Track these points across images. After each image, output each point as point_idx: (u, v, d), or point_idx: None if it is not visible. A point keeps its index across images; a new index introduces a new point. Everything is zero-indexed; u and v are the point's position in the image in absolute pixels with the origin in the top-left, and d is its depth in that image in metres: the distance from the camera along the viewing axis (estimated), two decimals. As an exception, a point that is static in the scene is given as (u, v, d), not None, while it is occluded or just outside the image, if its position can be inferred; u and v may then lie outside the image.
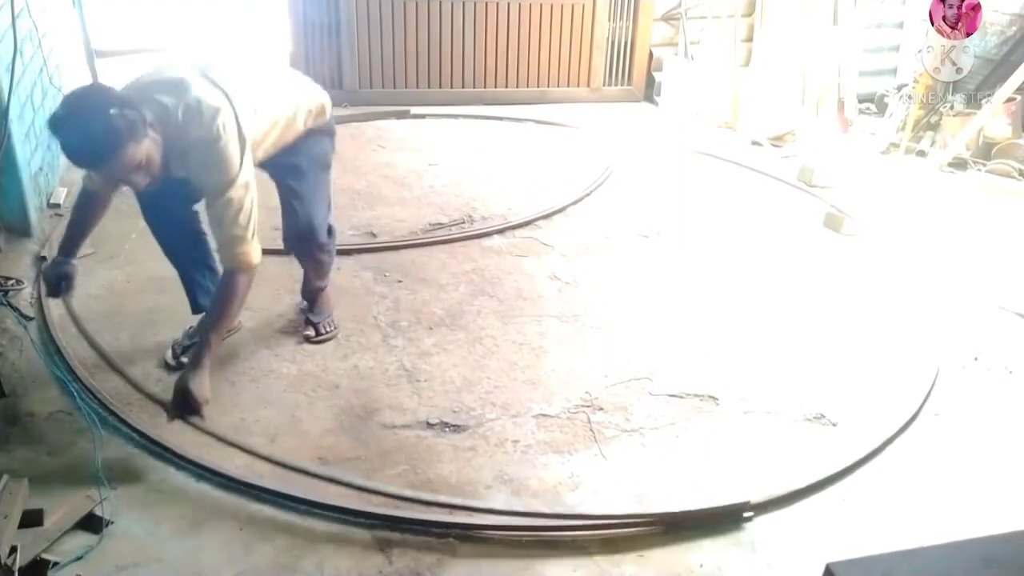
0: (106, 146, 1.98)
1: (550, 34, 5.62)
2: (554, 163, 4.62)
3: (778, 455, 2.39)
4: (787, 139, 5.25)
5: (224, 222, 2.20)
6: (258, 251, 2.28)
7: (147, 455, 2.20)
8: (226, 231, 2.20)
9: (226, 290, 2.26)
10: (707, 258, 3.59)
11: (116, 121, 1.97)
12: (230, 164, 2.18)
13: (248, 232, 2.23)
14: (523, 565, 1.95)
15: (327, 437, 2.34)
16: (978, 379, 2.82)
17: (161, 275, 3.04)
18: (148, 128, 2.06)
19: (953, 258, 3.70)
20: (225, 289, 2.26)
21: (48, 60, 3.69)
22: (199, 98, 2.16)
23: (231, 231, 2.20)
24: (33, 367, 2.52)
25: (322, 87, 2.67)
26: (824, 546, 2.05)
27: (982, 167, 4.75)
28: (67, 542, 1.89)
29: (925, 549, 1.13)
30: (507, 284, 3.25)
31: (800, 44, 5.28)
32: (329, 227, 2.70)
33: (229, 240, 2.21)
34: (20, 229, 3.20)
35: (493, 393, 2.58)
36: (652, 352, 2.85)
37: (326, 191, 2.69)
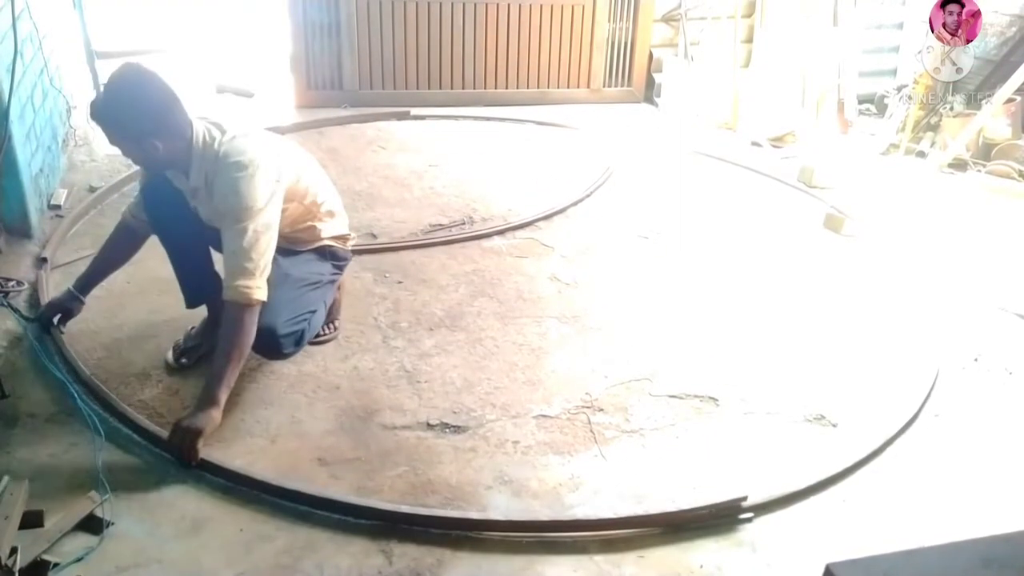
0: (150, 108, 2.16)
1: (550, 35, 5.62)
2: (554, 164, 4.62)
3: (778, 456, 2.39)
4: (787, 140, 5.25)
5: (237, 252, 2.19)
6: (264, 292, 2.24)
7: (147, 456, 2.20)
8: (237, 261, 2.20)
9: (231, 325, 2.22)
10: (707, 259, 3.59)
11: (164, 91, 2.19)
12: (256, 195, 2.21)
13: (257, 269, 2.21)
14: (523, 565, 1.95)
15: (327, 438, 2.34)
16: (978, 380, 2.82)
17: (162, 276, 3.03)
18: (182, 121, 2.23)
19: (953, 259, 3.70)
20: (230, 325, 2.23)
21: (49, 61, 3.69)
22: (246, 133, 2.30)
23: (241, 262, 2.19)
24: (33, 368, 2.52)
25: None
26: (824, 546, 2.05)
27: (982, 168, 4.76)
28: (67, 543, 1.89)
29: (925, 549, 1.13)
30: (507, 285, 3.25)
31: (800, 45, 5.28)
32: (300, 335, 2.45)
33: (237, 271, 2.20)
34: (20, 230, 3.20)
35: (493, 394, 2.58)
36: (652, 353, 2.86)
37: (303, 306, 2.46)
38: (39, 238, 3.26)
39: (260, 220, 2.21)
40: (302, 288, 2.48)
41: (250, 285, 2.20)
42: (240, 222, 2.19)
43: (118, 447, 2.22)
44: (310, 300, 2.49)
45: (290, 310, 2.39)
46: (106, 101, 2.18)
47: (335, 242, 2.64)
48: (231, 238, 2.21)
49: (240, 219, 2.19)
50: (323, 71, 5.25)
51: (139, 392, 2.46)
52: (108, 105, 2.17)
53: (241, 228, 2.19)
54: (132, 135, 2.18)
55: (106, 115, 2.17)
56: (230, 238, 2.21)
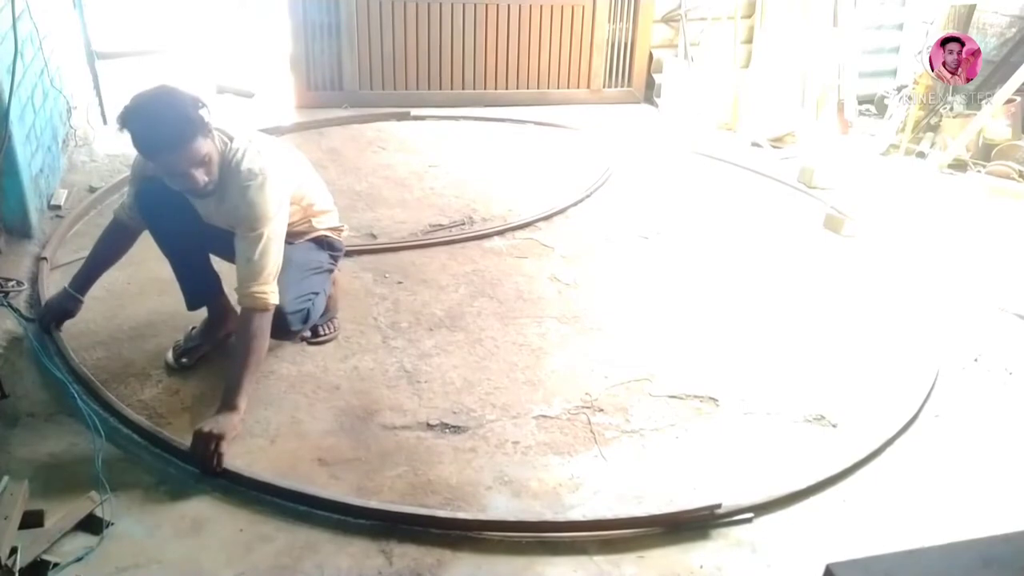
0: (180, 132, 2.10)
1: (550, 36, 5.62)
2: (554, 164, 4.62)
3: (778, 456, 2.39)
4: (787, 140, 5.25)
5: (252, 258, 2.24)
6: (277, 297, 2.29)
7: (147, 456, 2.20)
8: (251, 268, 2.24)
9: (246, 330, 2.26)
10: (707, 259, 3.59)
11: (190, 111, 2.11)
12: (269, 203, 2.26)
13: (270, 275, 2.27)
14: (523, 565, 1.95)
15: (327, 438, 2.34)
16: (978, 380, 2.82)
17: (162, 277, 3.03)
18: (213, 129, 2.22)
19: (953, 259, 3.70)
20: (245, 330, 2.26)
21: (49, 62, 3.69)
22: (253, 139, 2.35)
23: (255, 268, 2.24)
24: (33, 368, 2.52)
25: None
26: (824, 546, 2.05)
27: (982, 168, 4.76)
28: (67, 543, 1.89)
29: (925, 549, 1.13)
30: (507, 285, 3.25)
31: (800, 46, 5.28)
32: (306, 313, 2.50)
33: (251, 276, 2.24)
34: (20, 231, 3.20)
35: (493, 394, 2.58)
36: (652, 353, 2.85)
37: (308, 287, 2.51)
38: (39, 238, 3.26)
39: (272, 227, 2.27)
40: (305, 272, 2.54)
41: (264, 290, 2.25)
42: (254, 230, 2.24)
43: (118, 447, 2.22)
44: (313, 282, 2.56)
45: (295, 290, 2.43)
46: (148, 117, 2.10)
47: (331, 232, 2.71)
48: (245, 246, 2.25)
49: (254, 227, 2.24)
50: (323, 71, 5.25)
51: (139, 392, 2.46)
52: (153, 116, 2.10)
53: (256, 235, 2.24)
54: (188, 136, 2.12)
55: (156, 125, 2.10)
56: (244, 246, 2.25)
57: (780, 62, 5.33)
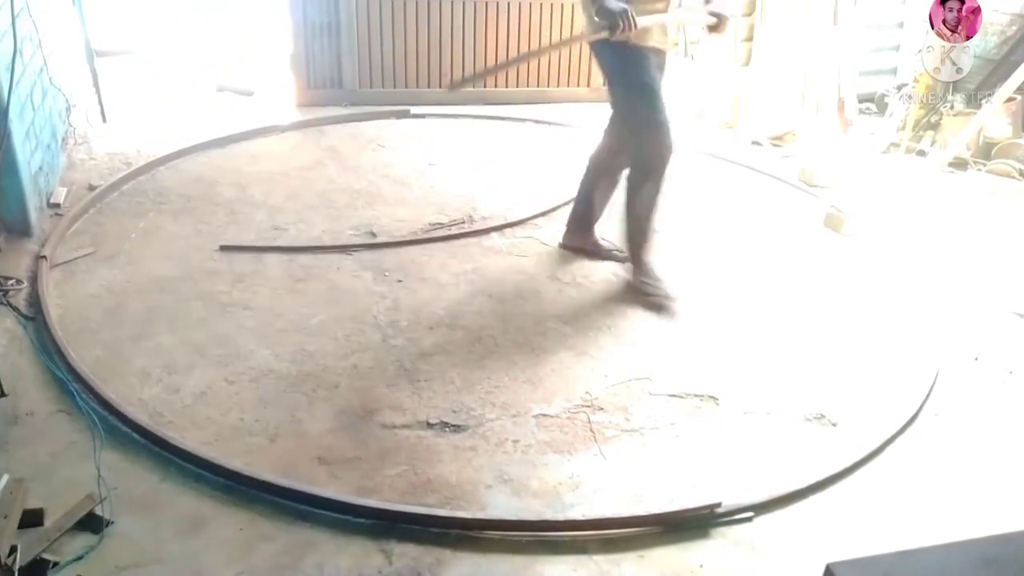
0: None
1: (550, 34, 5.60)
2: (554, 163, 4.61)
3: (778, 455, 2.39)
4: (787, 139, 5.24)
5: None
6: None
7: (147, 455, 2.20)
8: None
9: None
10: (707, 257, 3.59)
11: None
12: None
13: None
14: (523, 564, 1.95)
15: (327, 437, 2.34)
16: (978, 379, 2.82)
17: (161, 275, 3.04)
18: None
19: (953, 258, 3.70)
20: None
21: (48, 60, 3.69)
22: None
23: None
24: (33, 367, 2.52)
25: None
26: (824, 546, 2.05)
27: (982, 167, 4.75)
28: (67, 542, 1.89)
29: (925, 549, 1.13)
30: (507, 284, 3.25)
31: (800, 44, 5.27)
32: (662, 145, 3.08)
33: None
34: (20, 229, 3.19)
35: (493, 393, 2.58)
36: (652, 352, 2.85)
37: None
38: (38, 236, 3.26)
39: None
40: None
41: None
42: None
43: (118, 447, 2.22)
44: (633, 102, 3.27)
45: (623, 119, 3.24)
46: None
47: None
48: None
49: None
50: (323, 70, 5.24)
51: (139, 391, 2.46)
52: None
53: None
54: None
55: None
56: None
57: (781, 60, 5.32)
